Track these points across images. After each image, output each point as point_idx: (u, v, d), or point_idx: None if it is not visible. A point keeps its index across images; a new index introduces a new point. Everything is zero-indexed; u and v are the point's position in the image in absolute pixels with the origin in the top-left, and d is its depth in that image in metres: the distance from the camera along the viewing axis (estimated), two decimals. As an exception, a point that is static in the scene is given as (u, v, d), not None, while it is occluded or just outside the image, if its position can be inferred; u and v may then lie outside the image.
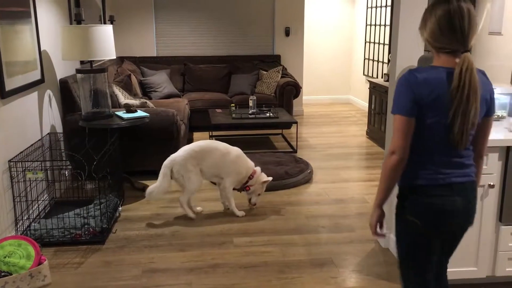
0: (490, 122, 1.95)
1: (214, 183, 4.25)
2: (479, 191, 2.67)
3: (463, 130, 1.80)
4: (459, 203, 1.88)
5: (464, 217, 1.93)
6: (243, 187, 4.01)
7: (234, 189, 4.04)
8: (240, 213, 3.99)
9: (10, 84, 3.45)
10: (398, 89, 1.86)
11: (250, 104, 6.12)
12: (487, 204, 2.75)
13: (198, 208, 4.10)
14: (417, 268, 2.00)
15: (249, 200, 4.06)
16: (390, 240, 3.40)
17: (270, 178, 4.05)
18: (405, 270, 2.05)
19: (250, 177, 3.97)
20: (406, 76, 1.84)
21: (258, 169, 4.04)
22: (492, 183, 2.70)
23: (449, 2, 1.77)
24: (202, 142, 4.01)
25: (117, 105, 5.05)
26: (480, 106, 1.81)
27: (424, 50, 3.19)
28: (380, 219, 2.01)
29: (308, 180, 4.85)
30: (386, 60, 7.51)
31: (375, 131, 6.37)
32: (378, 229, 2.02)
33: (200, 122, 6.77)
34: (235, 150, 4.01)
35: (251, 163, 4.03)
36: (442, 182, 1.86)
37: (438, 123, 1.81)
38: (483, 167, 2.21)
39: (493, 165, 2.70)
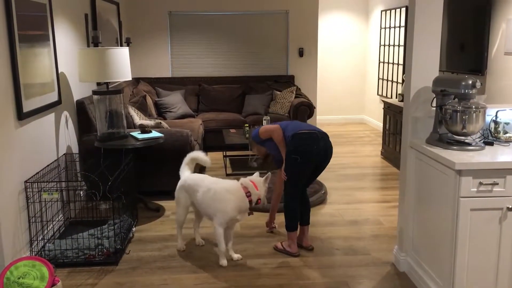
0: None
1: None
2: (497, 214, 2.65)
3: None
4: (321, 144, 3.41)
5: (324, 154, 3.46)
6: (254, 203, 3.48)
7: (250, 213, 3.62)
8: (224, 262, 3.48)
9: (28, 105, 3.51)
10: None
11: (264, 124, 6.13)
12: (505, 228, 2.69)
13: (200, 241, 3.86)
14: (294, 182, 3.53)
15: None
16: (406, 263, 3.34)
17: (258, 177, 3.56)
18: (288, 181, 3.54)
19: (248, 194, 3.43)
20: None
21: (246, 181, 3.48)
22: (510, 206, 2.64)
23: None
24: (196, 176, 3.68)
25: (132, 125, 5.10)
26: None
27: (439, 71, 3.18)
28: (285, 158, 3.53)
29: (322, 201, 4.81)
30: (400, 80, 7.50)
31: (390, 152, 6.32)
32: (285, 176, 3.55)
33: (214, 142, 6.79)
34: (220, 186, 3.50)
35: (238, 191, 3.45)
36: (311, 130, 3.43)
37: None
38: (501, 189, 2.63)
39: (511, 187, 2.65)
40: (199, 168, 5.50)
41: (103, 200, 3.70)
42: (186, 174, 3.80)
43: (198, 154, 3.88)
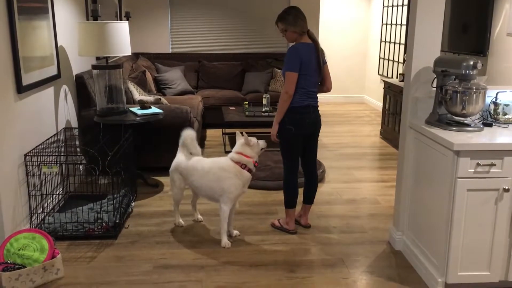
0: (327, 67, 3.61)
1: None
2: (494, 195, 2.67)
3: (322, 68, 3.53)
4: (312, 117, 3.53)
5: (314, 125, 3.58)
6: (254, 164, 3.48)
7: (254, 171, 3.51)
8: (226, 242, 3.46)
9: (27, 79, 3.50)
10: (290, 55, 3.42)
11: (264, 102, 6.12)
12: (501, 208, 2.71)
13: (199, 217, 3.90)
14: (290, 155, 3.59)
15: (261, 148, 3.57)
16: (402, 242, 3.38)
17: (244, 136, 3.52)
18: (284, 156, 3.62)
19: (243, 166, 3.42)
20: (293, 47, 3.45)
21: (234, 156, 3.46)
22: (507, 187, 2.66)
23: (298, 11, 3.58)
24: (192, 160, 3.59)
25: (131, 101, 5.09)
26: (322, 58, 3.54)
27: (441, 51, 3.17)
28: (277, 130, 3.53)
29: (320, 180, 4.84)
30: (401, 60, 7.45)
31: (389, 131, 6.33)
32: (275, 138, 3.56)
33: (213, 119, 6.79)
34: (216, 166, 3.48)
35: (233, 168, 3.44)
36: (306, 104, 3.47)
37: (307, 74, 3.43)
38: (498, 170, 2.55)
39: (508, 169, 2.66)
40: (199, 143, 5.52)
41: (102, 175, 3.72)
42: (180, 155, 3.67)
43: (189, 141, 3.64)
